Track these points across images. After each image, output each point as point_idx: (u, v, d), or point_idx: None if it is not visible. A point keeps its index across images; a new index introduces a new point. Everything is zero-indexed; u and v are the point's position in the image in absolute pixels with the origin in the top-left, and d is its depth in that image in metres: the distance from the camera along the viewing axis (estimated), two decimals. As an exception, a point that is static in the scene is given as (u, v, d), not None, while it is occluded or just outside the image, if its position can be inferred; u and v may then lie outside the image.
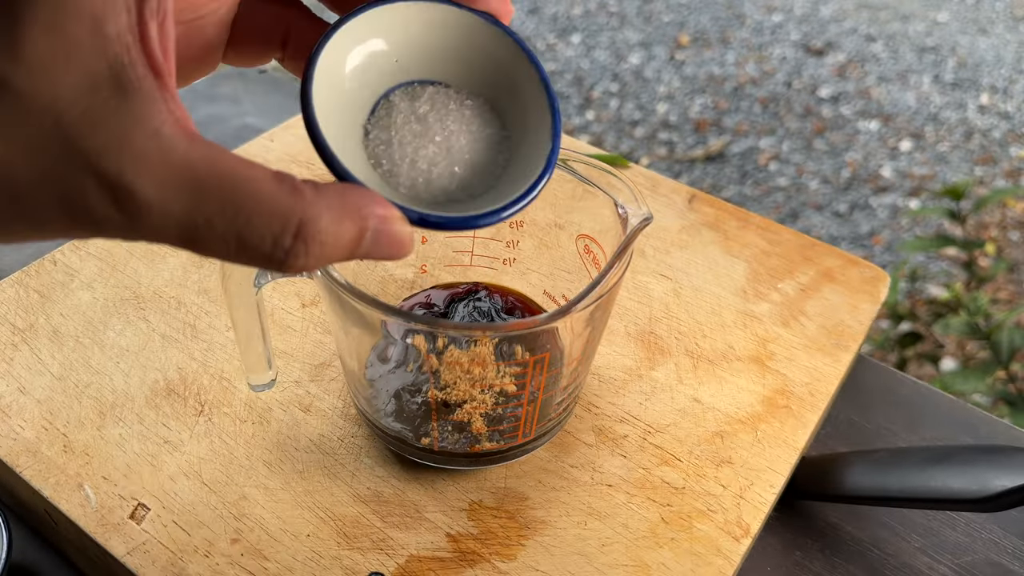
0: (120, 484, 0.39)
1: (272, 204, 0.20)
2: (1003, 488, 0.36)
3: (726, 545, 0.38)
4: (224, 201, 0.19)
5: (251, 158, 0.21)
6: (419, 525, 0.38)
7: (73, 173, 0.18)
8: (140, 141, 0.19)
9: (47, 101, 0.18)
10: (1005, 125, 2.17)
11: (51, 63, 0.18)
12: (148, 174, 0.19)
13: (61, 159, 0.18)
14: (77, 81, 0.18)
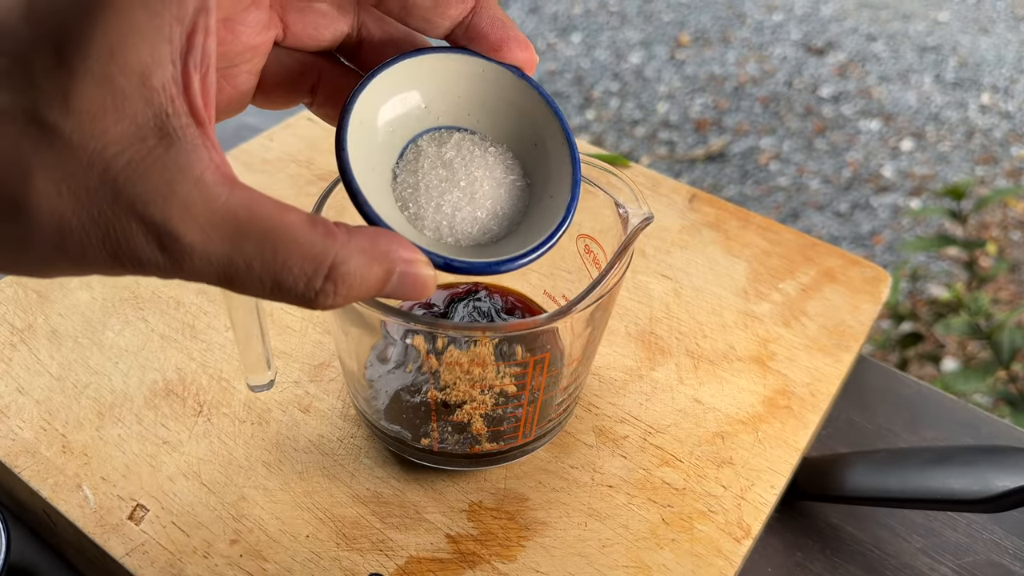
0: (119, 485, 0.39)
1: (307, 248, 0.21)
2: (1004, 489, 0.36)
3: (727, 546, 0.38)
4: (263, 245, 0.21)
5: (250, 157, 0.21)
6: (419, 526, 0.38)
7: (120, 218, 0.19)
8: (184, 189, 0.20)
9: (97, 150, 0.19)
10: (1006, 125, 2.16)
11: (100, 113, 0.19)
12: (192, 221, 0.20)
13: (109, 205, 0.19)
14: (125, 130, 0.19)
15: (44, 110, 0.19)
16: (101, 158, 0.19)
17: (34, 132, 0.19)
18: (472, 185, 0.29)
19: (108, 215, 0.19)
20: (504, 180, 0.29)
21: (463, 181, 0.28)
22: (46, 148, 0.19)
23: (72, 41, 0.19)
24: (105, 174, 0.19)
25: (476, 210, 0.29)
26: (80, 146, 0.19)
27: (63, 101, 0.19)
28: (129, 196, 0.19)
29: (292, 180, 0.57)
